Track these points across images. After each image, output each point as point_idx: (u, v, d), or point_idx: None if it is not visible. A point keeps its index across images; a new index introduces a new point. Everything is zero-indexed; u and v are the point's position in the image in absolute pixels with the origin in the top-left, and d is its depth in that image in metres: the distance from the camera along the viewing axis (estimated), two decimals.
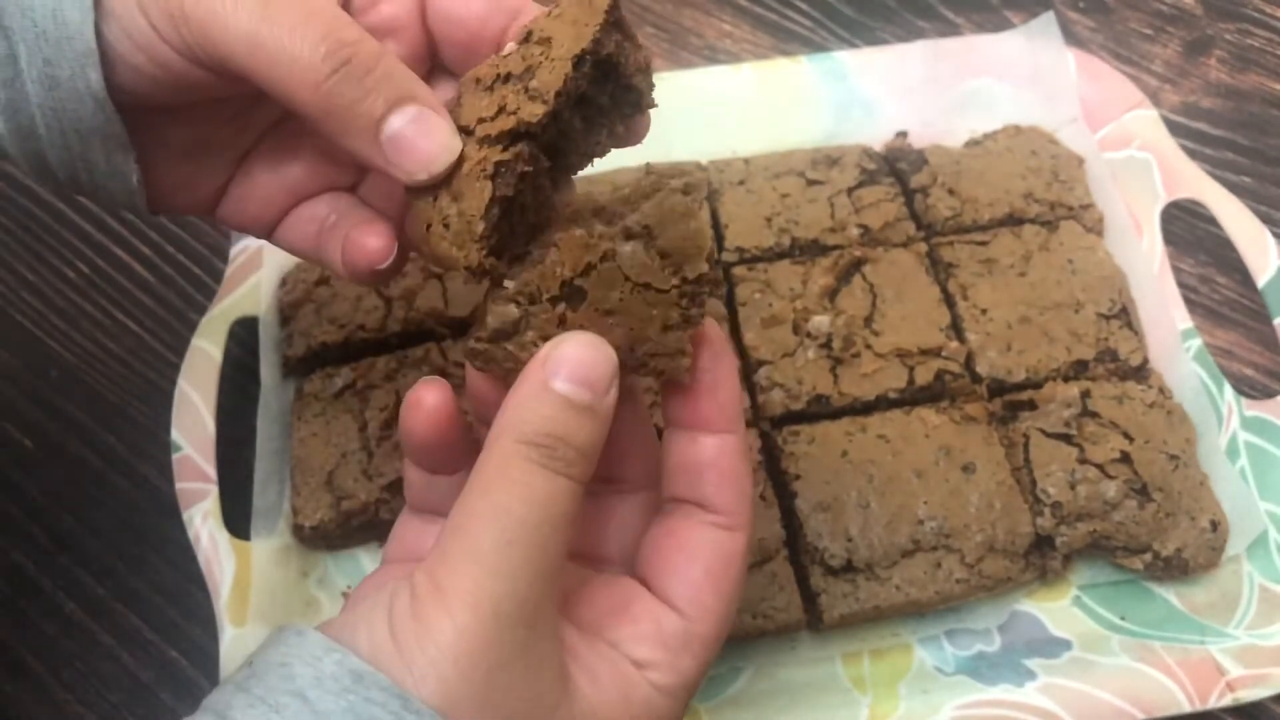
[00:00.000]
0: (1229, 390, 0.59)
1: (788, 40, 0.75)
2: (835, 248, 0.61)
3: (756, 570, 0.53)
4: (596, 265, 0.33)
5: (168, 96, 0.37)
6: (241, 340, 0.61)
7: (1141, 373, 0.58)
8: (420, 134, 0.35)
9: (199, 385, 0.58)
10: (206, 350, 0.59)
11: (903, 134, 0.68)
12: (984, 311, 0.59)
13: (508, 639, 0.30)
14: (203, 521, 0.54)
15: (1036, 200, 0.63)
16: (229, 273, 0.62)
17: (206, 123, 0.41)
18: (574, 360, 0.33)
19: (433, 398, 0.36)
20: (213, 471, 0.56)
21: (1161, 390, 0.57)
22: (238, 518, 0.55)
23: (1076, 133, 0.66)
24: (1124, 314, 0.59)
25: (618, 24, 0.36)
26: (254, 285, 0.62)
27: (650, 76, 0.38)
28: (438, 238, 0.36)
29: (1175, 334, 0.60)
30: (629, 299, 0.34)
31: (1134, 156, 0.66)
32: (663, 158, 0.65)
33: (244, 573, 0.53)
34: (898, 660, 0.54)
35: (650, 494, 0.39)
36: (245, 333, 0.61)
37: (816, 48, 0.74)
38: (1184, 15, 0.75)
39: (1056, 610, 0.55)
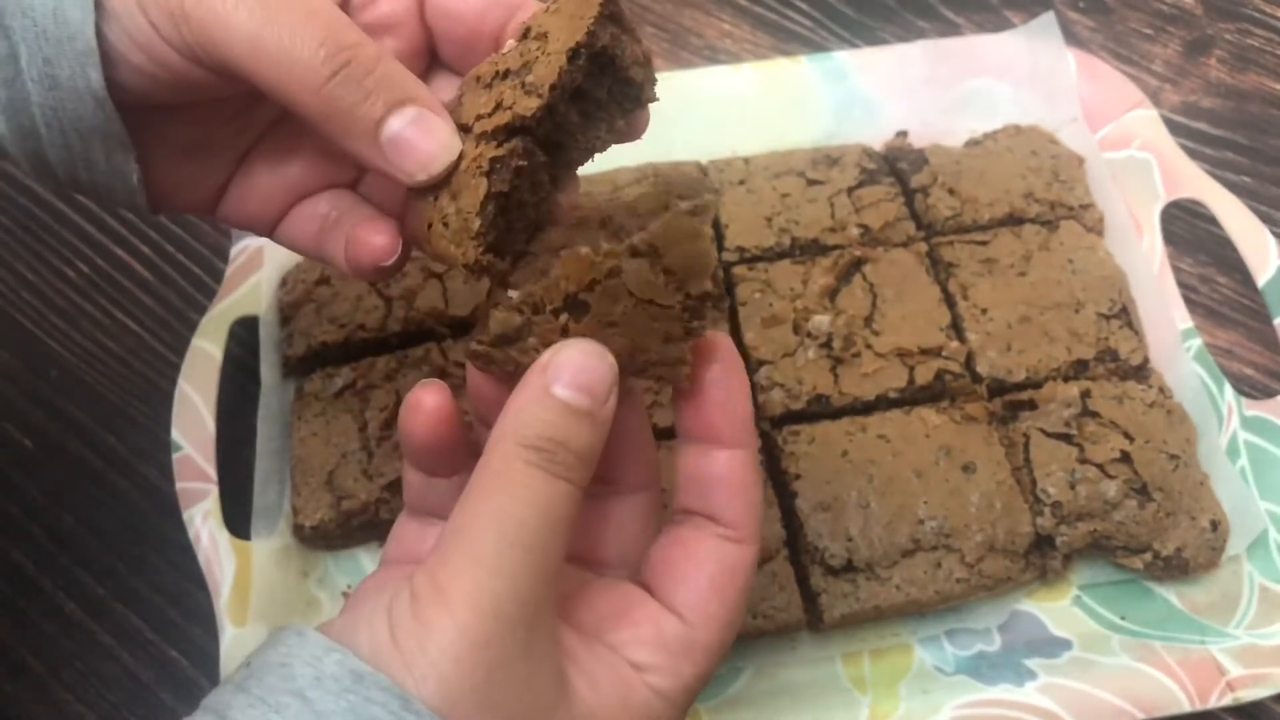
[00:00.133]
0: (1229, 390, 0.59)
1: (788, 40, 0.75)
2: (835, 247, 0.61)
3: (755, 575, 0.53)
4: (601, 281, 0.33)
5: (168, 96, 0.37)
6: (242, 340, 0.61)
7: (1142, 372, 0.58)
8: (419, 135, 0.35)
9: (199, 385, 0.58)
10: (207, 350, 0.59)
11: (903, 134, 0.68)
12: (984, 311, 0.59)
13: (508, 640, 0.30)
14: (203, 521, 0.54)
15: (1037, 200, 0.63)
16: (229, 272, 0.62)
17: (207, 122, 0.41)
18: (575, 366, 0.33)
19: (432, 400, 0.36)
20: (213, 471, 0.56)
21: (1162, 390, 0.57)
22: (238, 518, 0.55)
23: (1076, 132, 0.66)
24: (1124, 314, 0.59)
25: (614, 17, 0.36)
26: (254, 285, 0.61)
27: (650, 70, 0.37)
28: (438, 236, 0.36)
29: (1175, 334, 0.60)
30: (632, 313, 0.34)
31: (1134, 156, 0.66)
32: (663, 157, 0.65)
33: (244, 573, 0.53)
34: (898, 660, 0.54)
35: (648, 495, 0.39)
36: (245, 332, 0.61)
37: (816, 48, 0.74)
38: (1184, 15, 0.75)
39: (1057, 610, 0.55)
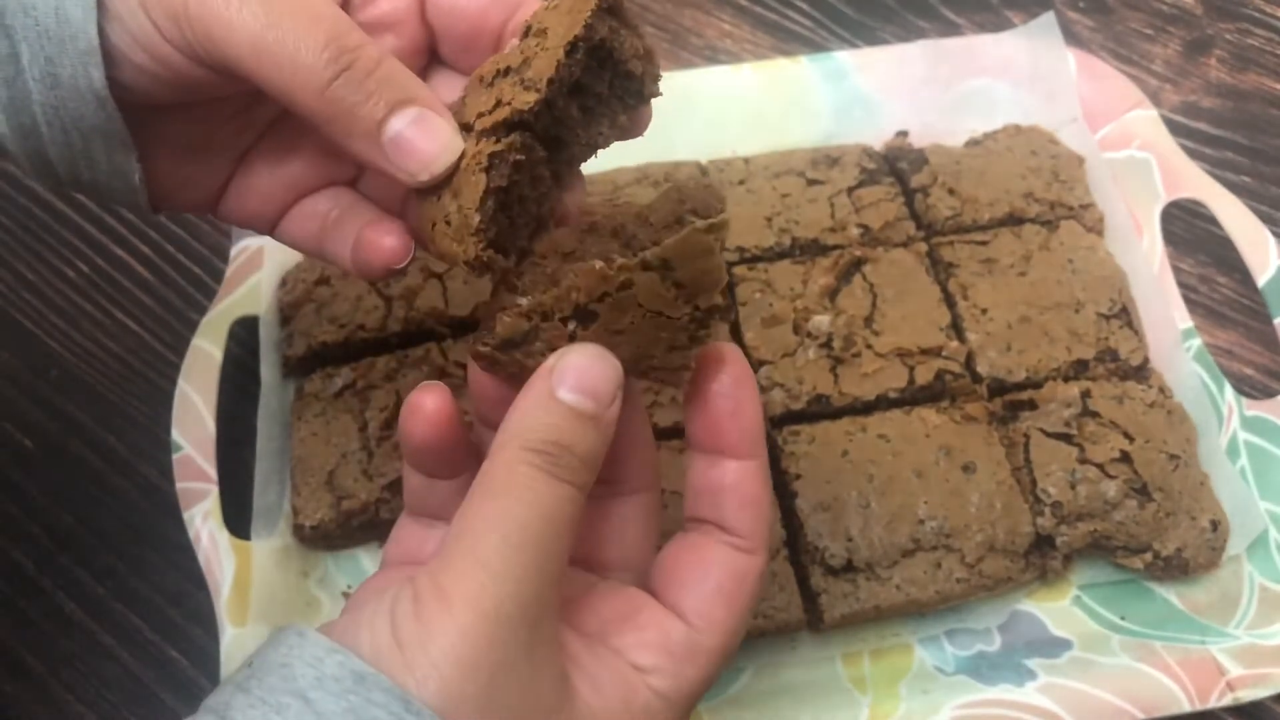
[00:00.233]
0: (1229, 390, 0.59)
1: (788, 40, 0.75)
2: (835, 247, 0.61)
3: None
4: (612, 294, 0.33)
5: (169, 95, 0.37)
6: (242, 340, 0.61)
7: (1142, 372, 0.58)
8: (421, 135, 0.35)
9: (199, 385, 0.58)
10: (207, 350, 0.59)
11: (903, 134, 0.68)
12: (984, 311, 0.59)
13: (510, 642, 0.30)
14: (203, 521, 0.54)
15: (1037, 200, 0.63)
16: (229, 272, 0.62)
17: (208, 121, 0.41)
18: (579, 370, 0.33)
19: (433, 403, 0.36)
20: (213, 471, 0.56)
21: (1162, 390, 0.57)
22: (238, 518, 0.55)
23: (1076, 132, 0.66)
24: (1124, 314, 0.59)
25: (613, 10, 0.36)
26: (254, 285, 0.61)
27: (653, 65, 0.37)
28: (440, 235, 0.36)
29: (1175, 334, 0.60)
30: (639, 323, 0.34)
31: (1134, 156, 0.66)
32: (663, 157, 0.65)
33: (244, 573, 0.53)
34: (898, 660, 0.54)
35: (648, 496, 0.39)
36: (245, 332, 0.61)
37: (816, 48, 0.74)
38: (1184, 15, 0.75)
39: (1057, 610, 0.55)
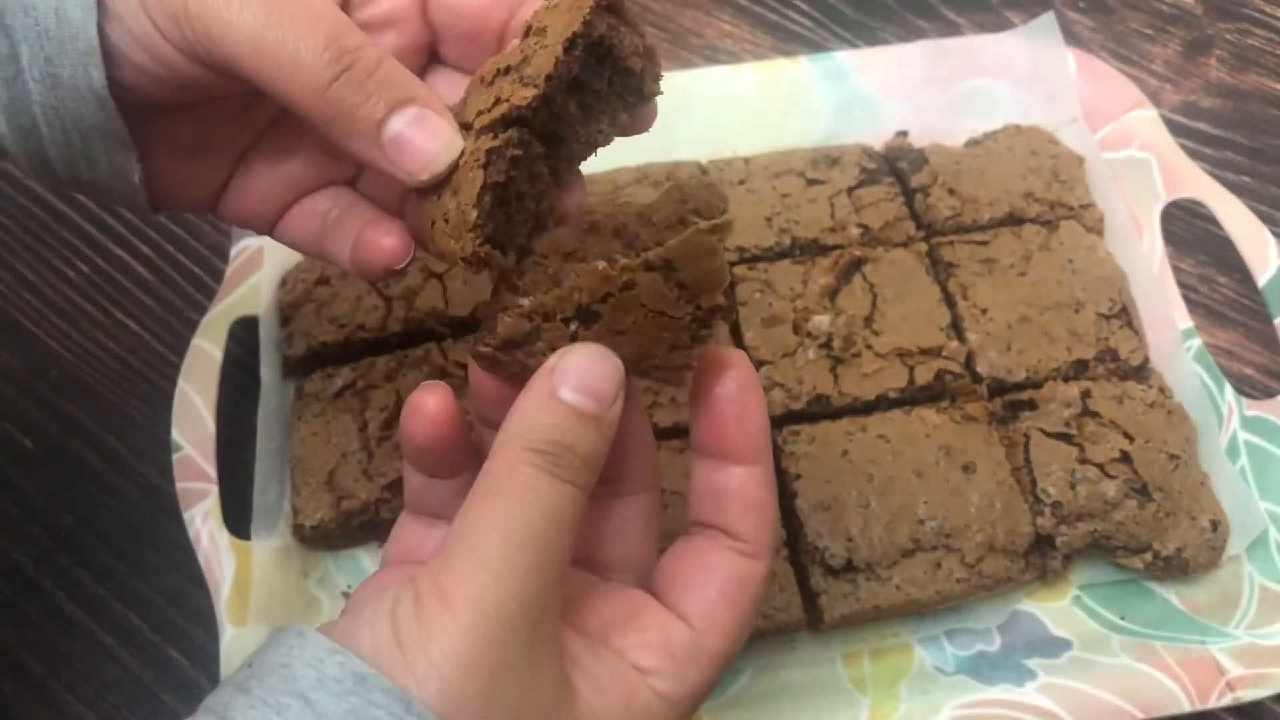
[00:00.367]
0: (1229, 390, 0.59)
1: (788, 40, 0.75)
2: (835, 247, 0.61)
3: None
4: (615, 294, 0.33)
5: (169, 95, 0.37)
6: (241, 340, 0.61)
7: (1142, 372, 0.58)
8: (421, 134, 0.35)
9: (199, 385, 0.58)
10: (207, 350, 0.59)
11: (903, 134, 0.68)
12: (984, 311, 0.59)
13: (511, 642, 0.30)
14: (203, 521, 0.54)
15: (1037, 200, 0.63)
16: (229, 272, 0.62)
17: (207, 120, 0.41)
18: (581, 370, 0.33)
19: (434, 402, 0.36)
20: (213, 471, 0.56)
21: (1162, 390, 0.57)
22: (238, 518, 0.55)
23: (1076, 132, 0.66)
24: (1124, 314, 0.59)
25: (612, 8, 0.36)
26: (254, 285, 0.61)
27: (654, 63, 0.38)
28: (439, 233, 0.36)
29: (1175, 334, 0.60)
30: (641, 323, 0.34)
31: (1134, 156, 0.66)
32: (663, 157, 0.65)
33: (244, 573, 0.53)
34: (898, 660, 0.54)
35: (649, 496, 0.39)
36: (245, 332, 0.61)
37: (816, 48, 0.74)
38: (1184, 15, 0.75)
39: (1056, 610, 0.55)
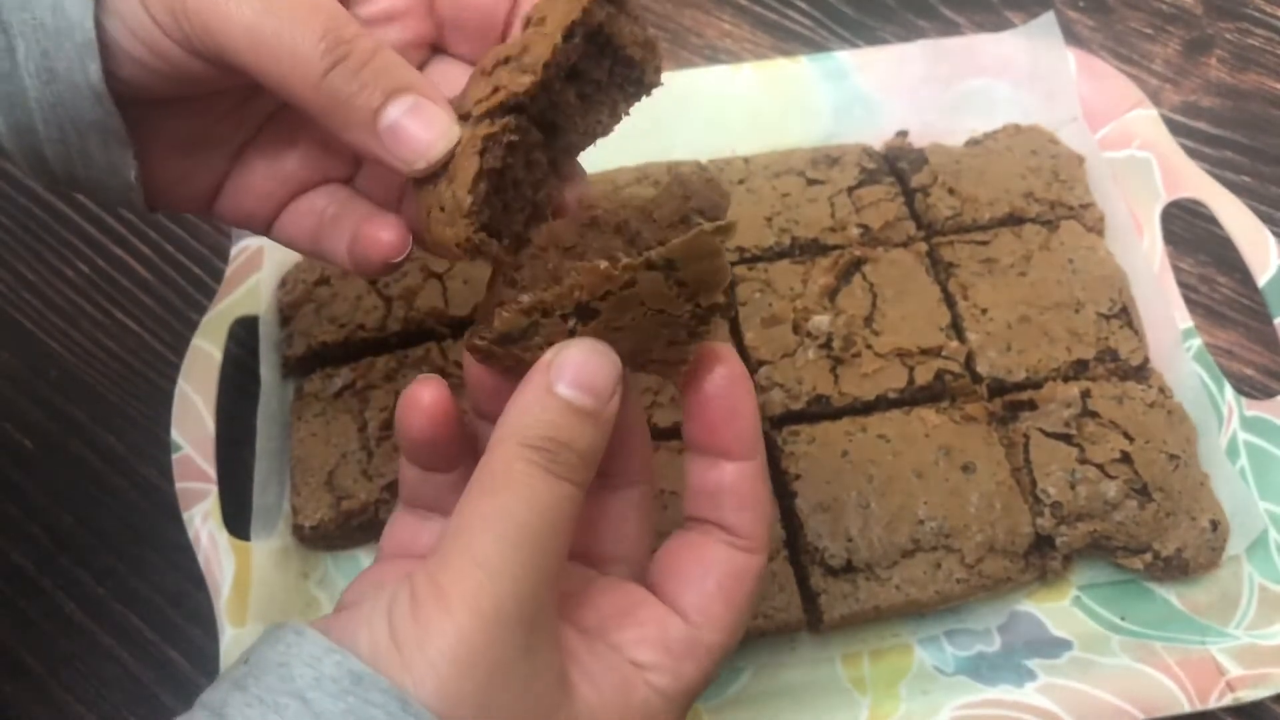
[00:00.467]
0: (1229, 390, 0.59)
1: (788, 40, 0.75)
2: (835, 247, 0.61)
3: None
4: (615, 292, 0.33)
5: (167, 89, 0.37)
6: (241, 340, 0.61)
7: (1142, 372, 0.58)
8: (417, 123, 0.35)
9: (199, 385, 0.58)
10: (206, 350, 0.59)
11: (903, 133, 0.68)
12: (984, 311, 0.59)
13: (508, 641, 0.30)
14: (203, 522, 0.54)
15: (1037, 200, 0.63)
16: (229, 272, 0.62)
17: (204, 116, 0.41)
18: (578, 365, 0.33)
19: (429, 396, 0.36)
20: (213, 471, 0.56)
21: (1162, 390, 0.57)
22: (238, 518, 0.55)
23: (1077, 132, 0.66)
24: (1124, 314, 0.59)
25: None
26: (254, 285, 0.61)
27: (654, 54, 0.38)
28: (435, 222, 0.36)
29: (1175, 334, 0.60)
30: (640, 320, 0.34)
31: (1134, 156, 0.65)
32: (663, 157, 0.65)
33: (244, 573, 0.53)
34: (898, 661, 0.54)
35: (644, 489, 0.38)
36: (245, 332, 0.61)
37: (816, 47, 0.74)
38: (1184, 14, 0.75)
39: (1056, 610, 0.55)
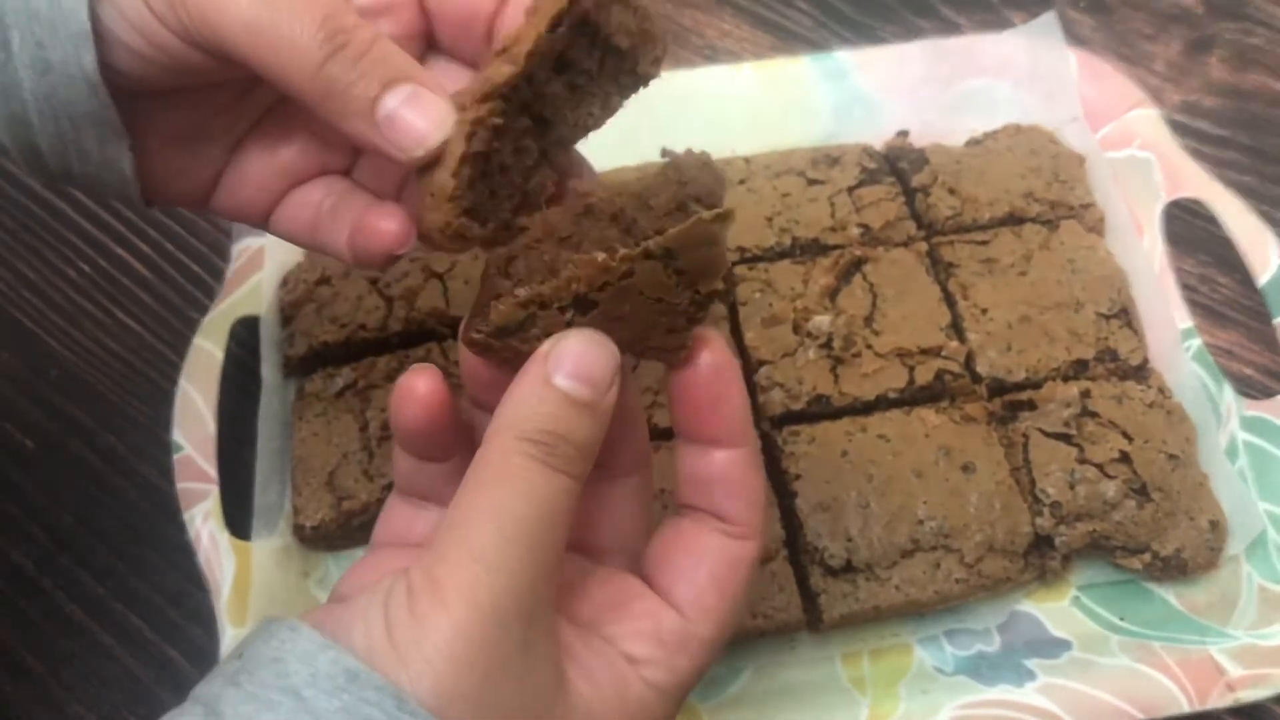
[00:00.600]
0: (1229, 390, 0.59)
1: (788, 40, 0.75)
2: (836, 247, 0.61)
3: (756, 570, 0.53)
4: (614, 283, 0.33)
5: (163, 80, 0.37)
6: (243, 340, 0.61)
7: (1141, 372, 0.58)
8: (414, 112, 0.35)
9: (200, 385, 0.58)
10: (208, 350, 0.59)
11: (903, 133, 0.68)
12: (984, 311, 0.59)
13: (505, 636, 0.30)
14: (203, 521, 0.54)
15: (1037, 200, 0.63)
16: (230, 272, 0.62)
17: (201, 108, 0.40)
18: (576, 356, 0.33)
19: (425, 386, 0.36)
20: (213, 471, 0.56)
21: (1161, 390, 0.57)
22: (238, 518, 0.55)
23: (1077, 132, 0.66)
24: (1124, 314, 0.59)
25: None
26: (255, 285, 0.61)
27: (651, 44, 0.37)
28: (425, 208, 0.36)
29: (1175, 334, 0.60)
30: (639, 309, 0.34)
31: (1135, 156, 0.65)
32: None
33: (244, 573, 0.53)
34: (897, 660, 0.54)
35: (640, 478, 0.38)
36: (246, 332, 0.61)
37: (817, 47, 0.74)
38: (1185, 14, 0.75)
39: (1056, 610, 0.55)
